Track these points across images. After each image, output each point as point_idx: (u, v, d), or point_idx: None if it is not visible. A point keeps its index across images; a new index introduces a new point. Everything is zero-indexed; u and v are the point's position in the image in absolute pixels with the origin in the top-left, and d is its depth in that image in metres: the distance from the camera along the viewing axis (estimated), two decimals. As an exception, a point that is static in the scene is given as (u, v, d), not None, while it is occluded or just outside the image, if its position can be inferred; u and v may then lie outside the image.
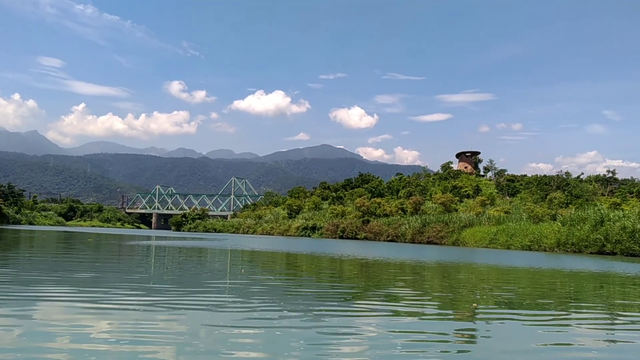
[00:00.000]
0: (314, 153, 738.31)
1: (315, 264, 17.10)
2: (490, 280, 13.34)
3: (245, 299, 7.74)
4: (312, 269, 15.15)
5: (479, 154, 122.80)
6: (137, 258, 17.65)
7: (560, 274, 16.24)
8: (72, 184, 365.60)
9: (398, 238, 63.18)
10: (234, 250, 24.78)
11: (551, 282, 13.09)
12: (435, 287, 11.16)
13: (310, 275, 12.80)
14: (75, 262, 14.54)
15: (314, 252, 25.35)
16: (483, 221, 55.76)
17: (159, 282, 9.62)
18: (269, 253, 23.43)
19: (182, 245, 27.38)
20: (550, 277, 14.74)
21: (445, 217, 60.12)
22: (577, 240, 38.30)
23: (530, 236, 43.46)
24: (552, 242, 40.64)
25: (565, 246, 39.29)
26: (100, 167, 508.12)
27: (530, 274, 15.71)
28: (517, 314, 7.33)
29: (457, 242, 53.86)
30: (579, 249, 37.99)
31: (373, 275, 13.47)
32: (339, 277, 12.85)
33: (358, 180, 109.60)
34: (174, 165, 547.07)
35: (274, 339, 5.20)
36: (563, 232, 40.31)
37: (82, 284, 8.87)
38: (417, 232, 60.75)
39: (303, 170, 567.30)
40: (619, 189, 76.79)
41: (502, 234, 47.50)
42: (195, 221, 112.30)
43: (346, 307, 7.41)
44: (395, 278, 12.65)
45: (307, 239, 61.02)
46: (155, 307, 6.66)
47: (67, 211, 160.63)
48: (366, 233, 69.78)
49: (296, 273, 13.76)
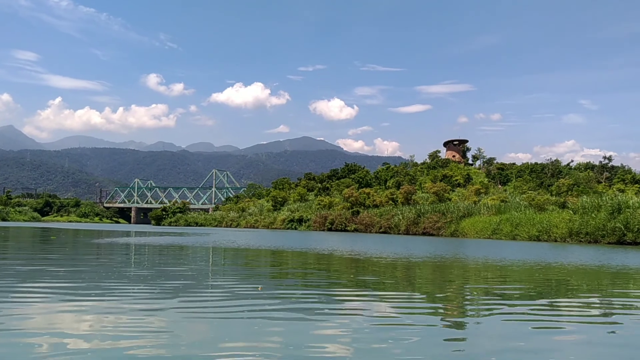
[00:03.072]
0: (295, 145, 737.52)
1: (331, 265, 13.71)
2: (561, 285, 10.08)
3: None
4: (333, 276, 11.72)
5: (467, 142, 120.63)
6: (103, 261, 14.06)
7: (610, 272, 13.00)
8: (50, 179, 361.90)
9: (391, 230, 59.95)
10: (228, 248, 21.29)
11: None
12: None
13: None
14: (13, 270, 10.93)
15: (314, 248, 21.94)
16: (482, 210, 52.72)
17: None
18: (270, 251, 19.96)
19: (163, 244, 23.76)
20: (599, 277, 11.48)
21: (442, 207, 56.82)
22: (593, 230, 35.25)
23: (538, 226, 40.40)
24: (564, 232, 37.60)
25: (579, 236, 36.27)
26: (78, 162, 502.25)
27: (571, 273, 12.42)
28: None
29: (456, 233, 50.71)
30: (595, 238, 34.98)
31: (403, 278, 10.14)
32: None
33: (344, 170, 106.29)
34: (153, 159, 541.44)
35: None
36: (575, 220, 37.27)
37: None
38: (411, 223, 57.50)
39: (284, 162, 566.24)
40: (617, 175, 74.22)
41: (505, 223, 44.35)
42: (176, 215, 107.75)
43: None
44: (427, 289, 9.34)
45: (294, 232, 57.53)
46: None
47: (43, 206, 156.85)
48: (356, 225, 66.50)
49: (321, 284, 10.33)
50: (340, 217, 68.83)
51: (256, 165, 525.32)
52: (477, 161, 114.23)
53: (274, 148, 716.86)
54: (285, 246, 22.81)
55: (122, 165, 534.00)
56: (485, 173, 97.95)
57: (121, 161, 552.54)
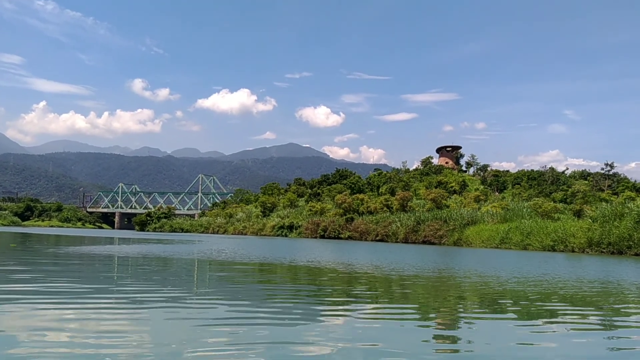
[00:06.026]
0: (281, 152, 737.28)
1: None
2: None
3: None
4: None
5: (460, 148, 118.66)
6: (54, 278, 10.70)
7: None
8: (33, 184, 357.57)
9: (388, 237, 56.75)
10: (215, 261, 18.00)
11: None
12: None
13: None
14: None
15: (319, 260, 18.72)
16: (486, 218, 49.73)
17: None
18: (273, 266, 16.70)
19: (143, 254, 20.42)
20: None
21: (443, 214, 53.71)
22: (617, 240, 32.31)
23: (552, 235, 37.41)
24: (582, 242, 34.62)
25: (600, 246, 33.32)
26: (62, 166, 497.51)
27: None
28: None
29: (460, 241, 47.57)
30: (619, 249, 32.04)
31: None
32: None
33: (335, 176, 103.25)
34: (138, 164, 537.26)
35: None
36: (596, 230, 34.31)
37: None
38: (410, 231, 54.32)
39: (270, 169, 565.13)
40: (621, 183, 71.68)
41: (515, 232, 41.31)
42: (160, 220, 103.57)
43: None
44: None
45: (285, 240, 54.14)
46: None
47: (24, 211, 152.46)
48: (350, 232, 63.23)
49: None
50: (334, 224, 65.57)
51: (242, 171, 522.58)
52: (471, 168, 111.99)
53: (260, 154, 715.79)
54: (283, 258, 19.53)
55: (106, 170, 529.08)
56: (480, 180, 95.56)
57: (106, 166, 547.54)
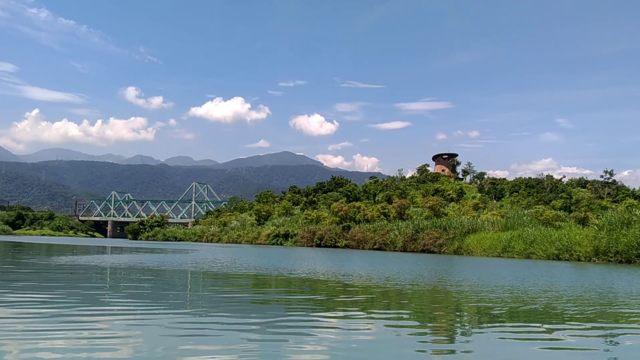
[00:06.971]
0: (275, 160, 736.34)
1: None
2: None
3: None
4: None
5: (457, 156, 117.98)
6: (18, 297, 9.53)
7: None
8: (26, 192, 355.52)
9: (386, 246, 55.63)
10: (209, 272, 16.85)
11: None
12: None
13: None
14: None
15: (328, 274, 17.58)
16: (487, 226, 48.72)
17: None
18: (272, 278, 15.57)
19: (132, 266, 19.26)
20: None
21: (443, 222, 52.64)
22: (625, 248, 31.26)
23: (557, 243, 36.40)
24: (589, 251, 33.60)
25: (607, 255, 32.28)
26: (55, 175, 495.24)
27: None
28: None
29: (460, 250, 46.52)
30: (628, 258, 30.99)
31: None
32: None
33: (331, 184, 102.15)
34: (131, 172, 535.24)
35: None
36: (602, 238, 33.29)
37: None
38: (409, 240, 53.20)
39: (264, 177, 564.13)
40: (622, 191, 70.86)
41: (518, 240, 40.28)
42: (153, 229, 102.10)
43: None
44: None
45: (281, 248, 52.95)
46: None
47: (15, 219, 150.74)
48: (347, 241, 62.02)
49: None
50: (330, 233, 64.41)
51: (236, 179, 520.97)
52: (468, 176, 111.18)
53: (254, 162, 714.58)
54: (282, 268, 18.38)
55: (99, 178, 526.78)
56: (477, 188, 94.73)
57: (99, 174, 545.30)
